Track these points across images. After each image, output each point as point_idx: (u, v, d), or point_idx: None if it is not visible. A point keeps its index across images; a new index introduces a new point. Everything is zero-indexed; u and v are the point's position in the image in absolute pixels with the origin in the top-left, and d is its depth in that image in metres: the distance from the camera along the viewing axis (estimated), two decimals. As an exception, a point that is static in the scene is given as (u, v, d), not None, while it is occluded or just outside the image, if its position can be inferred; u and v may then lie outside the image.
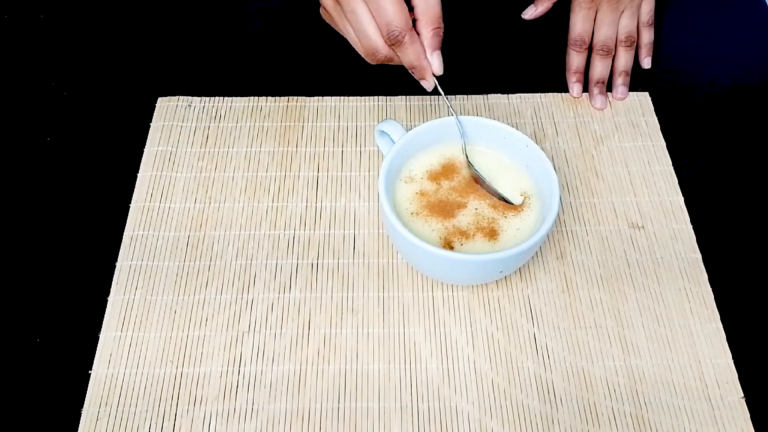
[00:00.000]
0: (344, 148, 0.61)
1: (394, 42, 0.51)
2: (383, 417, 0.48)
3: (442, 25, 0.52)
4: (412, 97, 0.65)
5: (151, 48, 0.69)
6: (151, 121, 0.62)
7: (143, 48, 0.69)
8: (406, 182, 0.54)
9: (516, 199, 0.53)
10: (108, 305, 0.52)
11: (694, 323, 0.52)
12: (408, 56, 0.52)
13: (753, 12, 0.74)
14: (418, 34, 0.52)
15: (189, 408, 0.48)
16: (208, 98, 0.64)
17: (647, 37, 0.68)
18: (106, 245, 0.55)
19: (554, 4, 0.70)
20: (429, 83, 0.54)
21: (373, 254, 0.55)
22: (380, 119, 0.63)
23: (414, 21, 0.52)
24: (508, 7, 0.72)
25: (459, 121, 0.54)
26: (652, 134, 0.63)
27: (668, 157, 0.61)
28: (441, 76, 0.53)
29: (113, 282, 0.53)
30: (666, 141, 0.62)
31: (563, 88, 0.66)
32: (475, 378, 0.49)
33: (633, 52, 0.66)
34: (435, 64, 0.53)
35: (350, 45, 0.54)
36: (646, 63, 0.68)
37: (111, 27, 0.71)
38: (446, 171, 0.54)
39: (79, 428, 0.47)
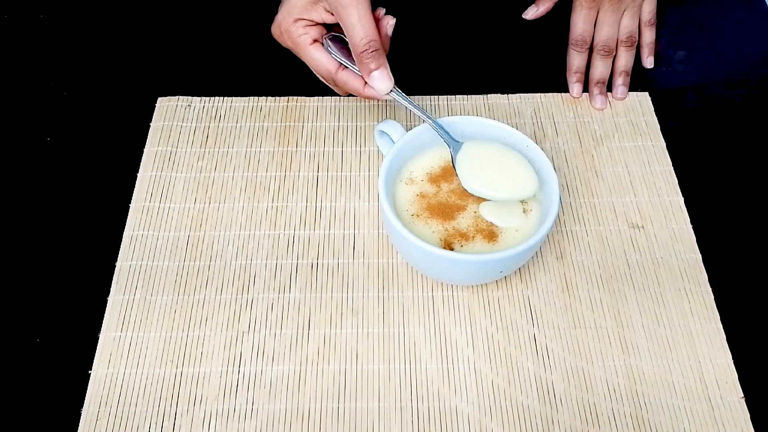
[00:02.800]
0: (344, 148, 0.61)
1: (336, 90, 0.55)
2: (383, 417, 0.48)
3: (373, 41, 0.51)
4: (412, 97, 0.64)
5: (151, 48, 0.69)
6: (151, 121, 0.63)
7: (143, 48, 0.69)
8: (406, 184, 0.54)
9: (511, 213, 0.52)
10: (108, 305, 0.52)
11: (694, 323, 0.52)
12: (349, 91, 0.54)
13: (753, 12, 0.74)
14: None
15: (189, 408, 0.48)
16: (208, 98, 0.64)
17: (649, 36, 0.68)
18: (106, 245, 0.55)
19: (555, 4, 0.70)
20: (384, 97, 0.53)
21: (373, 254, 0.55)
22: (380, 119, 0.63)
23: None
24: (509, 7, 0.72)
25: (442, 129, 0.53)
26: (652, 134, 0.63)
27: (668, 157, 0.61)
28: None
29: (113, 282, 0.53)
30: (666, 141, 0.62)
31: (563, 88, 0.66)
32: (474, 378, 0.49)
33: (634, 52, 0.66)
34: (375, 87, 0.52)
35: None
36: (649, 62, 0.68)
37: (111, 27, 0.71)
38: (446, 174, 0.54)
39: (79, 428, 0.47)
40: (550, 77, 0.67)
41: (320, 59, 0.53)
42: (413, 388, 0.49)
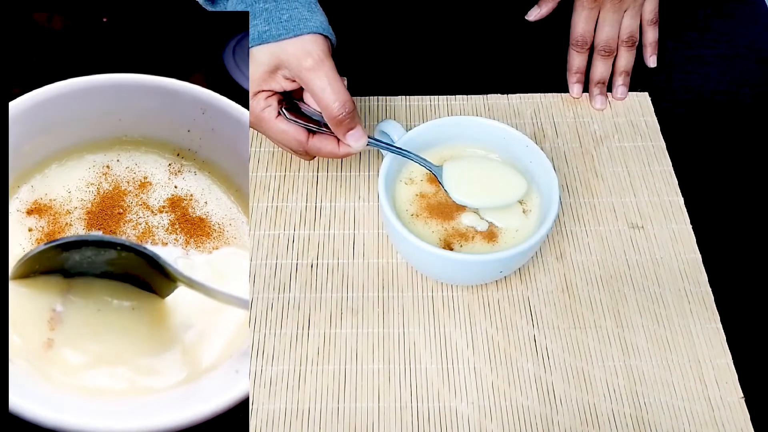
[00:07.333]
0: (344, 148, 0.61)
1: (304, 158, 0.54)
2: (382, 417, 0.48)
3: (347, 102, 0.49)
4: (412, 97, 0.65)
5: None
6: (150, 121, 0.62)
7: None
8: (406, 183, 0.54)
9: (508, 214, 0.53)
10: (107, 305, 0.52)
11: (694, 324, 0.52)
12: (322, 156, 0.52)
13: (753, 12, 0.74)
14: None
15: (188, 408, 0.48)
16: (208, 98, 0.64)
17: (652, 35, 0.67)
18: (106, 245, 0.55)
19: (557, 4, 0.70)
20: (357, 150, 0.51)
21: (372, 254, 0.55)
22: (380, 119, 0.63)
23: None
24: (509, 7, 0.72)
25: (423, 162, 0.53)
26: (652, 134, 0.63)
27: (668, 157, 0.61)
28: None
29: (113, 281, 0.53)
30: (666, 141, 0.62)
31: (563, 88, 0.66)
32: (474, 379, 0.49)
33: (634, 52, 0.66)
34: (353, 145, 0.50)
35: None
36: (652, 62, 0.68)
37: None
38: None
39: (78, 428, 0.47)
40: (549, 77, 0.66)
41: (288, 131, 0.51)
42: (413, 389, 0.49)
